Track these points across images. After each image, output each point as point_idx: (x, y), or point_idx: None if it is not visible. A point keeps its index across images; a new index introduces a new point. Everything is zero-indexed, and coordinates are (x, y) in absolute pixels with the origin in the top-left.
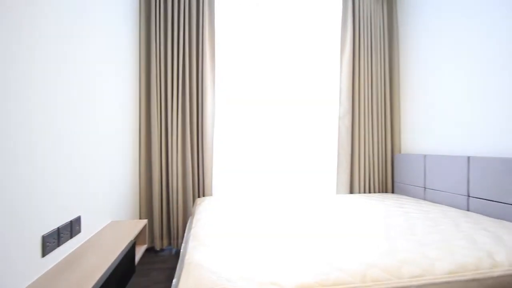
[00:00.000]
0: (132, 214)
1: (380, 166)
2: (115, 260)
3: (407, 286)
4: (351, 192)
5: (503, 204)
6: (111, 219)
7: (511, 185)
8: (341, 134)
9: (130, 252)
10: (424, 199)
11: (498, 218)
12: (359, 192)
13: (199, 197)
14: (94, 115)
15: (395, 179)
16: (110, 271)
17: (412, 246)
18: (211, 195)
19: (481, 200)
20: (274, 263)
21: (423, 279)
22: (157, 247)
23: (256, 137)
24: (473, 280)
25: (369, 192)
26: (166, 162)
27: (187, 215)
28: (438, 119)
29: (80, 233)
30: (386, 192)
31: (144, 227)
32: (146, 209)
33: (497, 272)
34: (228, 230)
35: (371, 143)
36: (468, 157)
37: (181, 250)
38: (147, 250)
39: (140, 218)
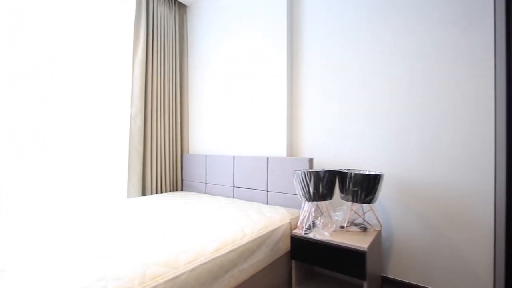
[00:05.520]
0: None
1: (171, 166)
2: None
3: (182, 272)
4: (144, 194)
5: (253, 189)
6: None
7: (257, 176)
8: (132, 134)
9: None
10: (205, 192)
11: (250, 200)
12: (152, 193)
13: None
14: None
15: (184, 177)
16: None
17: (190, 235)
18: None
19: (241, 188)
20: None
21: (195, 262)
22: None
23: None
24: (231, 251)
25: (161, 192)
26: None
27: None
28: (213, 123)
29: None
30: (177, 190)
31: None
32: None
33: (245, 240)
34: None
35: (163, 144)
36: (234, 156)
37: None
38: None
39: None
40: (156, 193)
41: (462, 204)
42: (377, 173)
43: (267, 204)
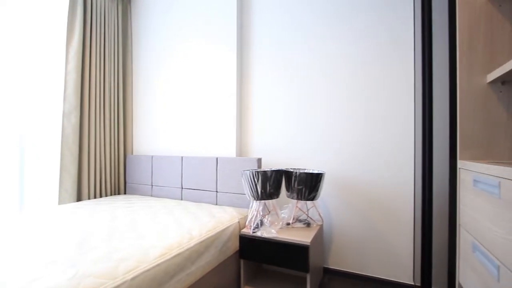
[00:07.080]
0: None
1: (112, 168)
2: None
3: (122, 283)
4: (79, 199)
5: (202, 190)
6: None
7: (206, 176)
8: (65, 133)
9: None
10: (152, 195)
11: (199, 201)
12: (89, 198)
13: None
14: None
15: (127, 180)
16: None
17: (132, 242)
18: None
19: (190, 189)
20: None
21: (137, 270)
22: None
23: None
24: (177, 255)
25: (101, 196)
26: None
27: None
28: (161, 123)
29: None
30: (119, 193)
31: None
32: None
33: (192, 243)
34: None
35: (103, 144)
36: (182, 157)
37: None
38: None
39: None
40: (95, 197)
41: (389, 198)
42: (319, 172)
43: (216, 204)
